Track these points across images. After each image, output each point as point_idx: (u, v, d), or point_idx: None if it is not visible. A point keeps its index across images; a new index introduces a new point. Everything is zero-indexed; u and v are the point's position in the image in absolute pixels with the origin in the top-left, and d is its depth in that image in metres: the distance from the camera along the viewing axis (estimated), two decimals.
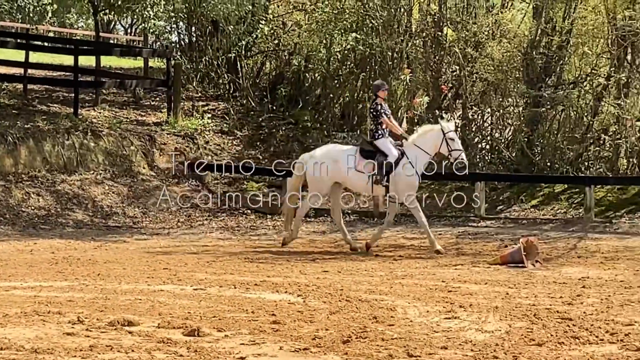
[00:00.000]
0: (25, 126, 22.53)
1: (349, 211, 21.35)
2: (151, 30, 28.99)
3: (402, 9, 25.04)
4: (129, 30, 55.13)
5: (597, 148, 22.60)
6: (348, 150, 15.81)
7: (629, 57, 21.63)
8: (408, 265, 14.57)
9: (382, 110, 15.23)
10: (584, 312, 9.60)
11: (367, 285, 12.15)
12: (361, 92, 25.83)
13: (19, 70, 26.45)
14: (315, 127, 25.51)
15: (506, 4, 24.92)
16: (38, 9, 27.67)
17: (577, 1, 22.32)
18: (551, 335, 8.24)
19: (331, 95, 26.56)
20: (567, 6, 22.37)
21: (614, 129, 21.92)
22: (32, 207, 20.55)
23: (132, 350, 7.32)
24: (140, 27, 39.61)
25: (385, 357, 7.25)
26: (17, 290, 11.31)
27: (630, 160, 21.63)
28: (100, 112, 24.93)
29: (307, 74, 27.09)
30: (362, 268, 14.19)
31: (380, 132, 15.13)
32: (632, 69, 21.66)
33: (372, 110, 15.76)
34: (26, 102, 24.77)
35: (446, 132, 14.92)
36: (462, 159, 15.03)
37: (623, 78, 21.24)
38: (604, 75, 22.37)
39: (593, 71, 22.65)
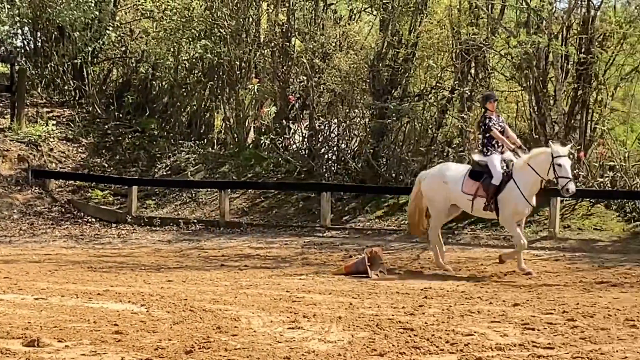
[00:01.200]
0: None
1: (195, 220, 21.10)
2: None
3: (251, 19, 24.93)
4: None
5: (441, 160, 21.88)
6: (459, 169, 14.56)
7: (472, 70, 21.92)
8: (253, 275, 14.36)
9: (490, 124, 13.79)
10: (426, 323, 9.65)
11: (212, 295, 12.01)
12: (209, 100, 25.72)
13: None
14: (162, 136, 25.33)
15: (354, 16, 25.05)
16: None
17: (422, 15, 22.53)
18: (393, 345, 8.24)
19: (178, 104, 26.35)
20: (413, 19, 22.56)
21: (458, 142, 22.06)
22: None
23: None
24: None
25: None
26: None
27: None
28: None
29: (154, 82, 26.89)
30: (207, 278, 14.00)
31: (489, 148, 13.81)
32: (475, 83, 21.89)
33: (481, 124, 14.55)
34: None
35: (555, 156, 13.31)
36: (567, 187, 13.23)
37: (466, 91, 21.39)
38: (448, 88, 22.52)
39: (438, 84, 22.87)
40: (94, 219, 21.60)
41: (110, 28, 26.51)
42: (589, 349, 8.17)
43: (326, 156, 23.52)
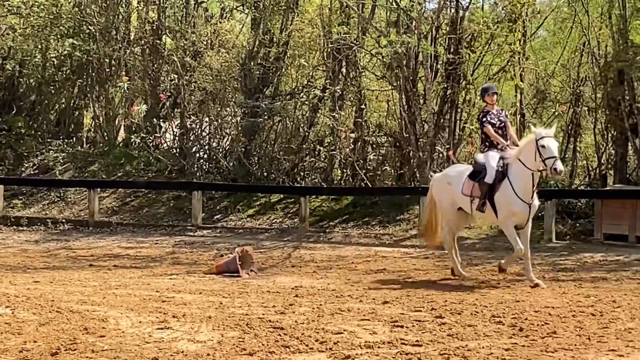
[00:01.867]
0: None
1: (64, 220, 20.78)
2: None
3: (121, 16, 24.82)
4: None
5: (313, 159, 22.93)
6: (463, 170, 13.33)
7: (343, 69, 22.12)
8: (122, 275, 14.19)
9: (485, 119, 12.58)
10: (296, 321, 9.66)
11: (80, 295, 11.77)
12: (78, 99, 25.31)
13: None
14: (30, 134, 24.90)
15: (225, 14, 25.10)
16: None
17: (294, 14, 22.76)
18: (262, 344, 8.24)
19: (46, 102, 25.95)
20: (284, 18, 23.02)
21: (329, 141, 22.35)
22: None
23: None
24: None
25: None
26: None
27: (344, 171, 22.11)
28: None
29: (21, 79, 26.36)
30: (75, 278, 13.69)
31: (486, 145, 12.62)
32: (346, 82, 22.06)
33: (477, 119, 13.68)
34: None
35: (538, 138, 11.82)
36: (555, 167, 11.55)
37: (338, 90, 21.57)
38: (320, 87, 22.70)
39: (309, 83, 23.15)
40: None
41: None
42: (456, 346, 8.24)
43: (197, 155, 23.66)
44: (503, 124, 12.55)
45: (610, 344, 8.48)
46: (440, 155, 21.18)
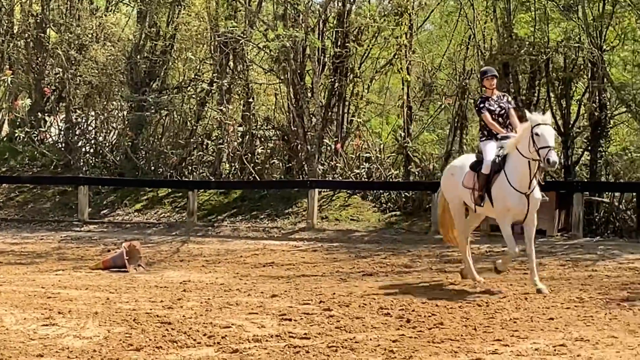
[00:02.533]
0: None
1: None
2: None
3: (3, 9, 24.28)
4: None
5: (201, 152, 23.02)
6: (466, 160, 11.98)
7: (231, 63, 22.23)
8: (7, 272, 13.97)
9: (482, 105, 11.31)
10: (184, 316, 9.67)
11: None
12: None
13: None
14: None
15: (111, 7, 24.98)
16: None
17: (180, 7, 22.79)
18: (150, 339, 8.20)
19: None
20: (171, 11, 23.07)
21: (217, 134, 22.51)
22: None
23: None
24: None
25: None
26: None
27: (232, 164, 22.15)
28: None
29: None
30: None
31: (484, 133, 11.45)
32: (234, 75, 22.12)
33: (475, 105, 12.66)
34: None
35: (533, 125, 10.61)
36: (548, 158, 10.30)
37: (225, 84, 21.56)
38: (207, 80, 22.72)
39: (196, 76, 23.17)
40: None
41: None
42: (343, 338, 8.26)
43: (83, 149, 23.41)
44: (504, 110, 11.33)
45: (495, 334, 8.59)
46: (328, 148, 21.15)
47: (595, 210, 20.20)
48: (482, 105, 11.08)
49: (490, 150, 10.87)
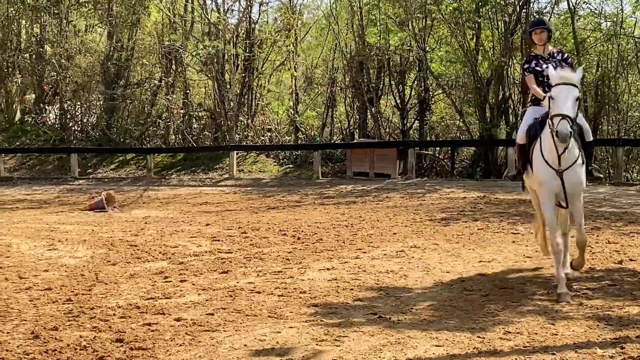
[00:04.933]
0: None
1: None
2: None
3: (14, 31, 25.90)
4: None
5: (155, 128, 25.41)
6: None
7: (173, 66, 24.80)
8: (22, 214, 14.62)
9: (527, 66, 7.87)
10: (146, 240, 10.15)
11: None
12: None
13: None
14: None
15: (89, 29, 26.29)
16: None
17: (137, 28, 24.31)
18: (122, 257, 8.78)
19: None
20: (130, 31, 25.09)
21: (165, 115, 24.92)
22: None
23: None
24: None
25: (2, 280, 7.68)
26: None
27: (177, 136, 24.63)
28: None
29: None
30: None
31: (530, 100, 8.15)
32: (175, 75, 24.88)
33: (521, 66, 9.56)
34: None
35: (553, 85, 6.99)
36: (558, 129, 6.63)
37: (170, 80, 24.42)
38: (158, 78, 25.31)
39: (150, 76, 25.21)
40: None
41: None
42: (255, 252, 8.98)
43: (73, 128, 25.47)
44: (553, 66, 7.41)
45: (357, 245, 9.39)
46: (242, 123, 23.26)
47: (424, 160, 22.18)
48: (526, 65, 7.91)
49: (528, 117, 7.75)
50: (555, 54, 7.90)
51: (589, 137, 7.56)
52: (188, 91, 24.48)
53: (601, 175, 8.02)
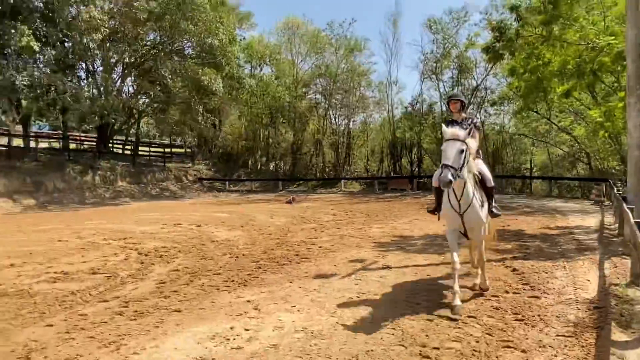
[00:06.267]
0: None
1: None
2: None
3: None
4: None
5: (311, 170, 49.41)
6: None
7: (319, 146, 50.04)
8: (260, 204, 23.23)
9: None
10: (307, 215, 17.72)
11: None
12: None
13: None
14: None
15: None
16: None
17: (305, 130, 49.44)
18: (297, 222, 15.11)
19: None
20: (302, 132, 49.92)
21: (318, 165, 48.74)
22: None
23: None
24: None
25: (252, 230, 13.18)
26: None
27: (321, 173, 46.92)
28: None
29: None
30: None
31: None
32: (321, 147, 48.55)
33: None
34: None
35: (444, 140, 8.32)
36: (441, 177, 8.09)
37: (317, 150, 50.71)
38: (314, 147, 49.71)
39: (310, 149, 49.99)
40: None
41: None
42: (350, 219, 15.56)
43: (280, 172, 47.09)
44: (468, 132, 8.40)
45: (391, 218, 16.83)
46: (346, 168, 47.99)
47: (420, 182, 44.29)
48: (444, 126, 8.36)
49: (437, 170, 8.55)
50: (467, 119, 9.24)
51: (490, 183, 9.05)
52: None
53: (499, 213, 9.27)
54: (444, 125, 8.50)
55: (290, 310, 8.67)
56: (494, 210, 9.23)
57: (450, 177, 7.92)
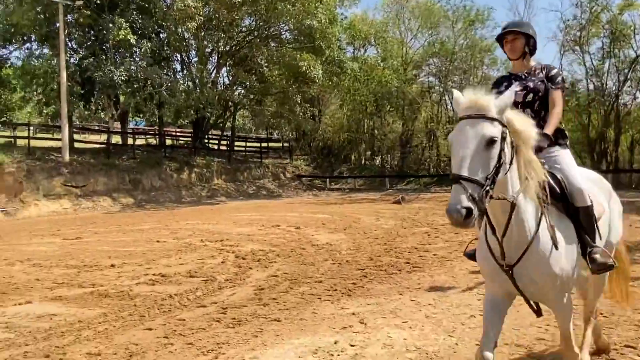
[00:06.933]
0: None
1: None
2: None
3: None
4: None
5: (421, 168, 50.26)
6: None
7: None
8: (363, 205, 25.75)
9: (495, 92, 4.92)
10: (418, 217, 19.56)
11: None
12: None
13: None
14: None
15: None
16: None
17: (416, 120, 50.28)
18: (408, 225, 15.46)
19: None
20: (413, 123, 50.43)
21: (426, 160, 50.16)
22: None
23: None
24: None
25: (358, 233, 14.33)
26: None
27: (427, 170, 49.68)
28: None
29: None
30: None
31: None
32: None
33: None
34: None
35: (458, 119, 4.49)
36: (448, 205, 4.08)
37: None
38: (425, 143, 50.31)
39: (417, 145, 50.62)
40: None
41: None
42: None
43: (387, 167, 46.88)
44: (536, 94, 5.50)
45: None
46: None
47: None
48: (494, 91, 5.14)
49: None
50: (539, 71, 5.58)
51: (582, 200, 5.00)
52: None
53: (610, 262, 5.01)
54: (455, 91, 4.73)
55: (401, 326, 8.47)
56: (596, 255, 5.07)
57: (465, 205, 4.13)
